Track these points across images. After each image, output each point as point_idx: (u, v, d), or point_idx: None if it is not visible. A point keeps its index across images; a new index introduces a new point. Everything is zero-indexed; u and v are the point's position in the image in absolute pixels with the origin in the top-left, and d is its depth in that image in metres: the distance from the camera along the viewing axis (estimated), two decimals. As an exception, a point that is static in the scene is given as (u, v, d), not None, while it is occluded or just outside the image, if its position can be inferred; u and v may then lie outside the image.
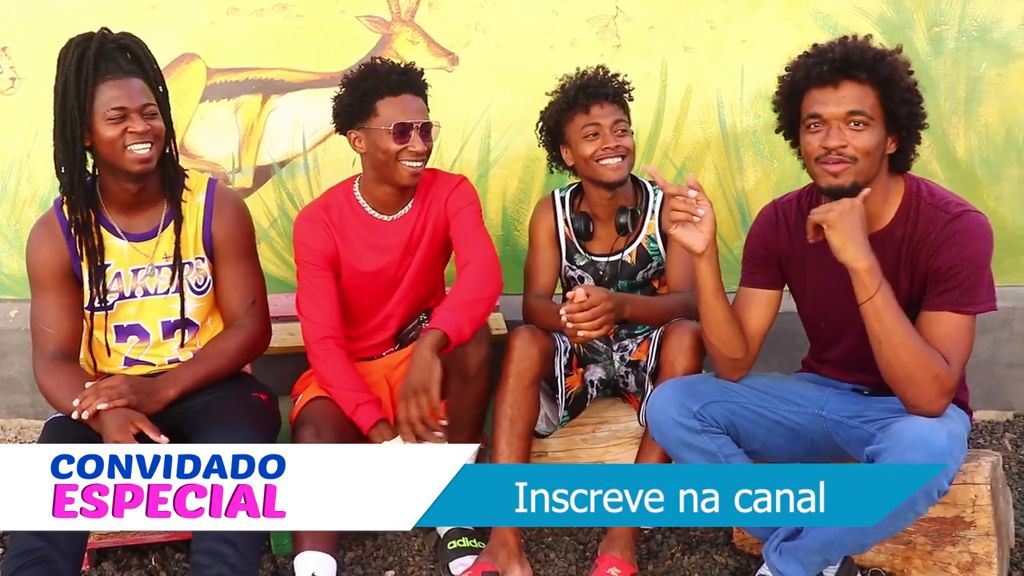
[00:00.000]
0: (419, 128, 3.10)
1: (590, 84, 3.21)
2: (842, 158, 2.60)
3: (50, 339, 2.92)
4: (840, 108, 2.60)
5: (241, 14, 3.99)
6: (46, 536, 2.56)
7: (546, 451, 3.38)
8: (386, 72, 3.13)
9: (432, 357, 2.86)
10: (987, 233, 2.66)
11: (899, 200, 2.73)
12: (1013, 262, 4.13)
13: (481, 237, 3.19)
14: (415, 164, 3.11)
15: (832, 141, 2.60)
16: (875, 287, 2.55)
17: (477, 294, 3.03)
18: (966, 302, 2.62)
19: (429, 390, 2.82)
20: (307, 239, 3.20)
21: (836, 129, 2.61)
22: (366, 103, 3.11)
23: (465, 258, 3.15)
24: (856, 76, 2.60)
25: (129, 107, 2.80)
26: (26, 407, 4.11)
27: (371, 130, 3.11)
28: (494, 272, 3.12)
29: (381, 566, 3.21)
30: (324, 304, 3.17)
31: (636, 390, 3.35)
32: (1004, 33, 4.01)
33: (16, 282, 4.15)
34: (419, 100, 3.16)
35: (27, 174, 4.09)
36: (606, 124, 3.19)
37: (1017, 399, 4.11)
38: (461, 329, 2.93)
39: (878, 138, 2.62)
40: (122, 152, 2.81)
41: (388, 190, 3.20)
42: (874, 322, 2.57)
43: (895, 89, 2.61)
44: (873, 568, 3.01)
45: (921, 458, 2.43)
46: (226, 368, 3.01)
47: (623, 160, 3.20)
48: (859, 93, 2.61)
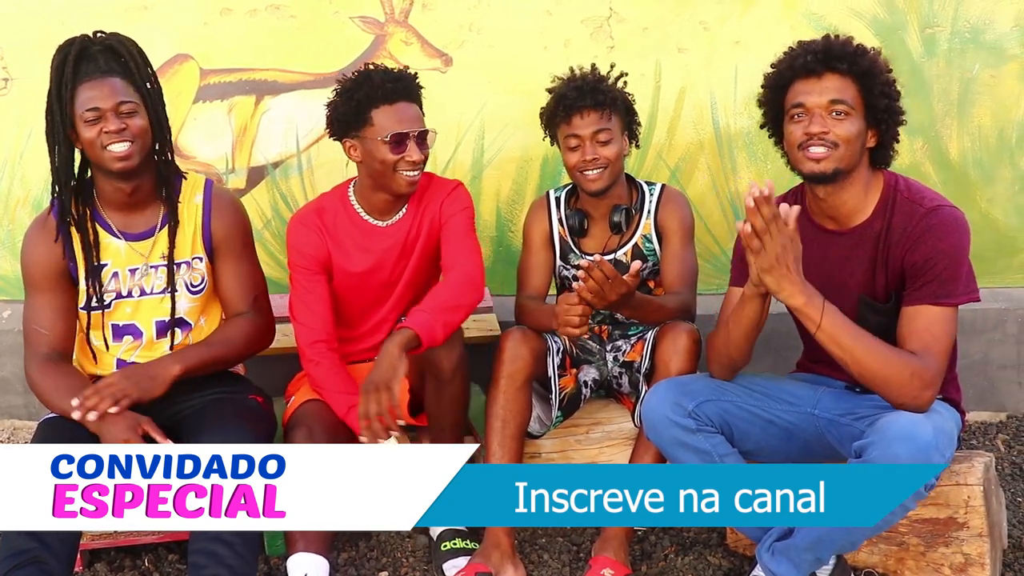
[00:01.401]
0: (415, 137, 3.08)
1: (569, 95, 3.19)
2: (824, 143, 2.68)
3: (43, 340, 2.91)
4: (823, 97, 2.70)
5: (234, 15, 3.98)
6: (38, 537, 2.55)
7: (540, 452, 3.38)
8: (380, 80, 3.09)
9: (399, 355, 2.85)
10: (962, 227, 2.71)
11: (879, 195, 2.78)
12: (1006, 263, 4.14)
13: (470, 244, 3.19)
14: (412, 173, 3.10)
15: (815, 127, 2.69)
16: (818, 316, 2.59)
17: (456, 301, 3.02)
18: (944, 294, 2.65)
19: (391, 387, 2.81)
20: (299, 243, 3.19)
21: (819, 117, 2.70)
22: (361, 112, 3.09)
23: (451, 263, 3.14)
24: (838, 68, 2.70)
25: (103, 107, 2.79)
26: (19, 408, 4.09)
27: (366, 139, 3.09)
28: (477, 281, 3.11)
29: (375, 567, 3.20)
30: (317, 308, 3.16)
31: (630, 391, 3.35)
32: (997, 35, 4.02)
33: (9, 283, 4.14)
34: (414, 107, 3.14)
35: (20, 175, 4.08)
36: (586, 135, 3.17)
37: (1010, 400, 4.12)
38: (434, 332, 2.92)
39: (858, 128, 2.70)
40: (101, 151, 2.81)
41: (384, 197, 3.19)
42: (832, 347, 2.61)
43: (875, 82, 2.70)
44: (866, 569, 3.01)
45: (906, 451, 2.45)
46: (231, 356, 3.02)
47: (603, 171, 3.20)
48: (840, 84, 2.70)
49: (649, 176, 3.92)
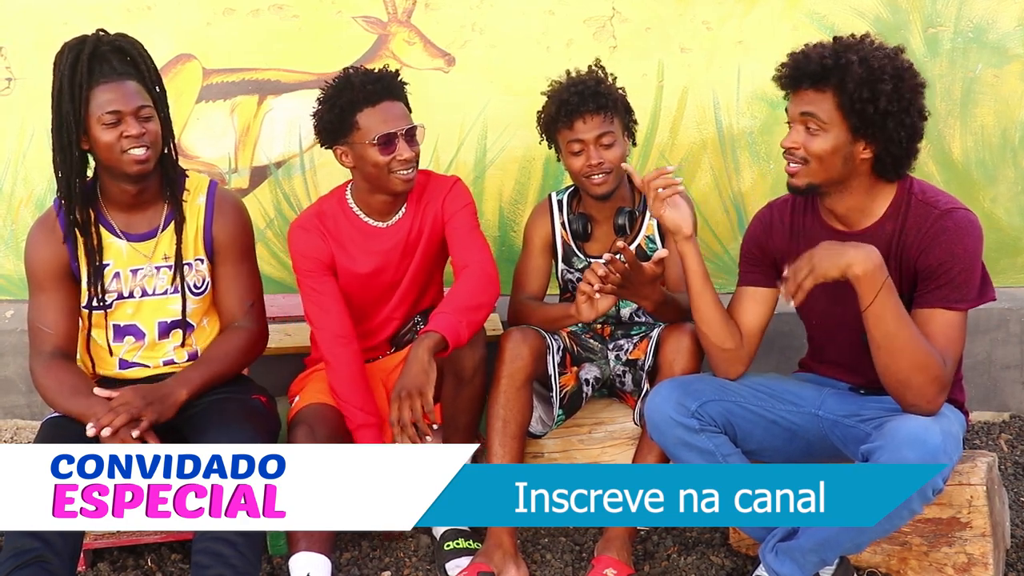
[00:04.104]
0: (403, 134, 3.07)
1: (571, 100, 3.18)
2: (794, 158, 2.69)
3: (48, 339, 2.91)
4: (797, 109, 2.69)
5: (237, 15, 3.98)
6: (42, 537, 2.55)
7: (542, 452, 3.38)
8: (361, 83, 3.08)
9: (429, 360, 2.85)
10: (976, 230, 2.68)
11: (890, 198, 2.74)
12: (1009, 263, 4.14)
13: (478, 240, 3.19)
14: (406, 172, 3.09)
15: (786, 141, 2.71)
16: (874, 293, 2.55)
17: (477, 300, 3.03)
18: (957, 299, 2.63)
19: (424, 393, 2.81)
20: (303, 248, 3.19)
21: (794, 131, 2.70)
22: (346, 118, 3.08)
23: (463, 261, 3.13)
24: (809, 85, 2.66)
25: (123, 110, 2.79)
26: (22, 408, 4.09)
27: (355, 144, 3.09)
28: (493, 277, 3.11)
29: (377, 567, 3.20)
30: (332, 308, 3.16)
31: (632, 389, 3.35)
32: (1000, 34, 4.02)
33: (12, 283, 4.14)
34: (399, 104, 3.12)
35: (23, 175, 4.08)
36: (590, 139, 3.17)
37: (1013, 400, 4.12)
38: (460, 333, 2.92)
39: (834, 143, 2.65)
40: (119, 155, 2.80)
41: (382, 198, 3.19)
42: (875, 328, 2.58)
43: (854, 95, 2.60)
44: (869, 569, 3.01)
45: (915, 456, 2.44)
46: (230, 371, 3.01)
47: (608, 175, 3.20)
48: (815, 98, 2.66)
49: (652, 176, 3.93)
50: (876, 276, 2.55)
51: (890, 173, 2.72)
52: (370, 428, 3.08)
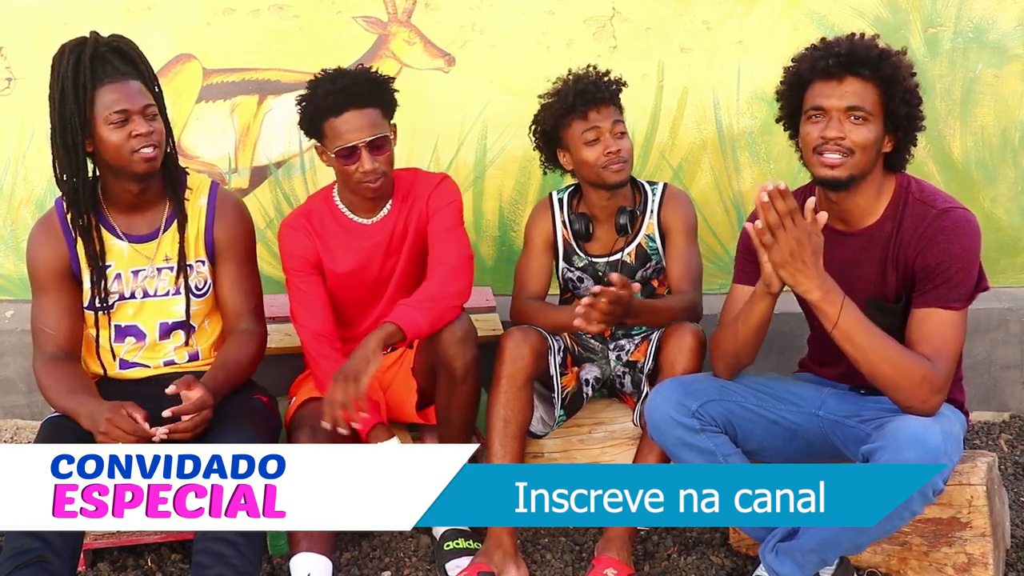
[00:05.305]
0: (366, 145, 3.04)
1: (587, 89, 3.19)
2: (839, 149, 2.65)
3: (50, 339, 2.92)
4: (842, 102, 2.65)
5: (237, 15, 3.98)
6: (42, 537, 2.55)
7: (542, 452, 3.38)
8: (324, 93, 3.06)
9: (375, 348, 2.90)
10: (974, 230, 2.68)
11: (889, 196, 2.76)
12: (1009, 263, 4.15)
13: (456, 237, 3.18)
14: (370, 183, 3.09)
15: (831, 131, 2.65)
16: (836, 313, 2.56)
17: (441, 291, 3.04)
18: (955, 298, 2.63)
19: (359, 379, 2.86)
20: (290, 247, 3.21)
21: (836, 121, 2.65)
22: (315, 125, 3.09)
23: (437, 259, 3.14)
24: (860, 72, 2.64)
25: (131, 109, 2.79)
26: (22, 408, 4.09)
27: (325, 149, 3.12)
28: (460, 270, 3.11)
29: (377, 567, 3.20)
30: (315, 308, 3.18)
31: (632, 390, 3.35)
32: (1000, 34, 4.02)
33: (12, 283, 4.14)
34: (367, 113, 3.06)
35: (23, 175, 4.08)
36: (605, 128, 3.18)
37: (1013, 400, 4.12)
38: (417, 324, 2.94)
39: (876, 134, 2.66)
40: (129, 155, 2.80)
41: (360, 197, 3.21)
42: (846, 345, 2.59)
43: (896, 89, 2.65)
44: (869, 569, 3.01)
45: (916, 456, 2.44)
46: (244, 378, 3.03)
47: (625, 164, 3.21)
48: (861, 89, 2.65)
49: (652, 176, 3.93)
50: (833, 297, 2.56)
51: (896, 165, 2.77)
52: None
